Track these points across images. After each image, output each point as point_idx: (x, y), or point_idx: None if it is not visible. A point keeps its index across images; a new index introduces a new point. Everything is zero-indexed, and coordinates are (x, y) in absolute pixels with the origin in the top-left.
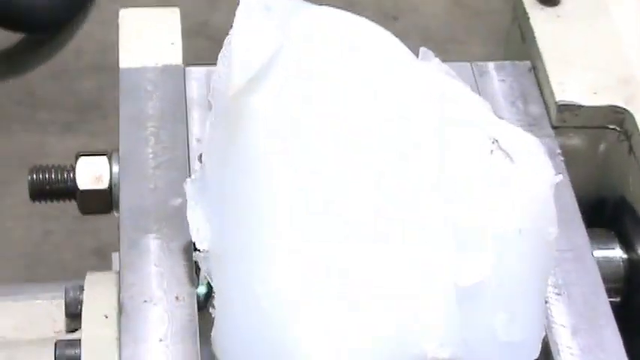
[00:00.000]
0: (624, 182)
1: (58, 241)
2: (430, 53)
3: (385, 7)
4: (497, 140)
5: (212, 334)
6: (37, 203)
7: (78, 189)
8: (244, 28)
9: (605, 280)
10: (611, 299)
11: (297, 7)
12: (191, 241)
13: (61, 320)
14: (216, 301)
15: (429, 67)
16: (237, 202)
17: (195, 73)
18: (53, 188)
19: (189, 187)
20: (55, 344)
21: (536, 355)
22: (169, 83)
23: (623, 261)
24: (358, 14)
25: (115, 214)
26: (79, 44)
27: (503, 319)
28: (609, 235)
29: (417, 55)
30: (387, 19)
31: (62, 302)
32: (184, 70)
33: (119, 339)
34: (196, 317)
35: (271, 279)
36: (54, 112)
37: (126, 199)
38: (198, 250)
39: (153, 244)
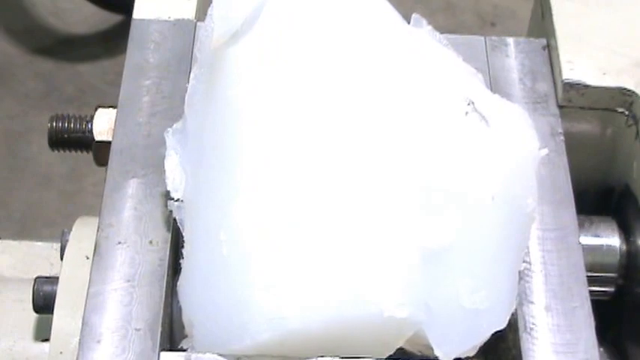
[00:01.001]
0: (629, 169)
1: None
2: (422, 20)
3: (483, 12)
4: (473, 102)
5: (178, 283)
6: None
7: (94, 139)
8: None
9: (602, 268)
10: (607, 288)
11: None
12: None
13: (57, 263)
14: (184, 250)
15: (419, 33)
16: (211, 151)
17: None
18: (71, 137)
19: (169, 137)
20: (35, 280)
21: (502, 325)
22: (178, 37)
23: (621, 251)
24: (456, 18)
25: None
26: None
27: (468, 286)
28: (610, 223)
29: None
30: (484, 24)
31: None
32: (195, 24)
33: (89, 277)
34: (167, 262)
35: (233, 226)
36: None
37: (118, 143)
38: (173, 199)
39: (137, 188)
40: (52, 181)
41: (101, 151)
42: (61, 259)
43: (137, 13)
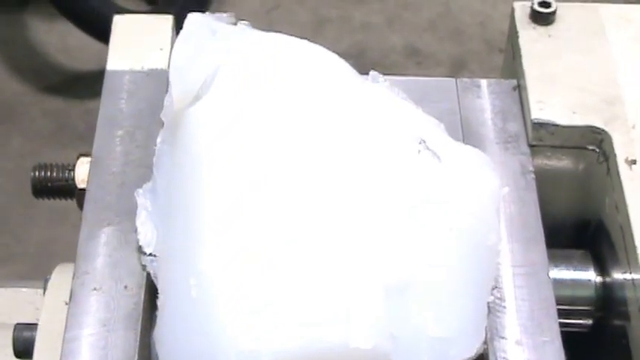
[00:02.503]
0: (602, 204)
1: None
2: (379, 76)
3: (491, 39)
4: (424, 141)
5: (153, 334)
6: None
7: (76, 187)
8: (184, 49)
9: (578, 301)
10: (584, 321)
11: (243, 31)
12: None
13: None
14: (158, 302)
15: (374, 86)
16: (177, 204)
17: None
18: (54, 185)
19: (140, 196)
20: (15, 327)
21: (471, 354)
22: (152, 86)
23: (596, 283)
24: (464, 45)
25: None
26: None
27: (432, 316)
28: (585, 256)
29: None
30: (492, 50)
31: None
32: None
33: (65, 323)
34: (141, 306)
35: (200, 270)
36: None
37: (92, 192)
38: (146, 254)
39: (111, 235)
40: (67, 217)
41: (84, 199)
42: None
43: (110, 65)
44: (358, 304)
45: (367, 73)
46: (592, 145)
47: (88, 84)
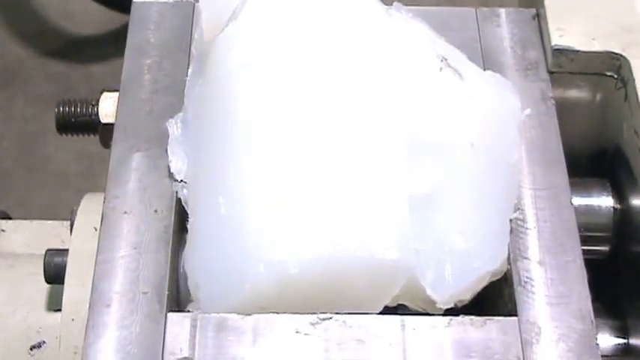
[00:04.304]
0: (620, 131)
1: None
2: (401, 6)
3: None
4: (446, 59)
5: (183, 254)
6: None
7: (100, 122)
8: None
9: (595, 228)
10: (602, 247)
11: None
12: None
13: (68, 240)
14: (188, 224)
15: (397, 14)
16: (208, 129)
17: None
18: (78, 121)
19: (171, 126)
20: (46, 252)
21: (495, 266)
22: (178, 17)
23: (614, 210)
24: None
25: None
26: None
27: (455, 228)
28: (603, 184)
29: None
30: None
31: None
32: (194, 5)
33: (97, 246)
34: (171, 229)
35: (229, 188)
36: None
37: (121, 119)
38: (176, 181)
39: (140, 161)
40: (69, 181)
41: (107, 134)
42: (71, 234)
43: None
44: (384, 217)
45: (391, 4)
46: (610, 71)
47: (90, 48)
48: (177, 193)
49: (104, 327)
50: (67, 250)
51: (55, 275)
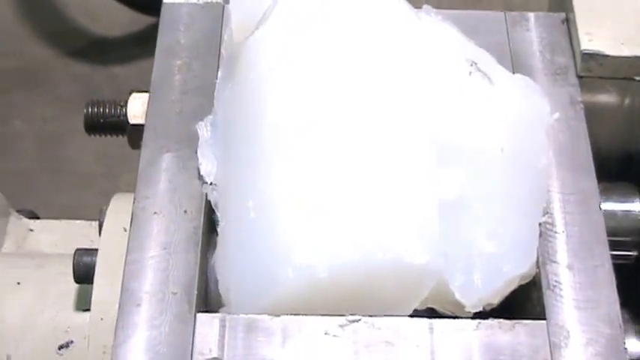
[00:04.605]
0: None
1: None
2: (431, 9)
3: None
4: (475, 63)
5: (213, 258)
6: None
7: (128, 123)
8: None
9: (624, 233)
10: (630, 252)
11: None
12: None
13: (96, 240)
14: (218, 228)
15: (427, 17)
16: (237, 133)
17: None
18: (107, 122)
19: (201, 128)
20: (75, 251)
21: (523, 269)
22: (207, 18)
23: None
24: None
25: None
26: None
27: (483, 232)
28: (631, 188)
29: None
30: None
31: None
32: (223, 7)
33: (127, 246)
34: (201, 230)
35: (259, 191)
36: None
37: (151, 120)
38: (206, 183)
39: (170, 162)
40: (91, 182)
41: (136, 134)
42: (99, 235)
43: None
44: (413, 221)
45: (420, 7)
46: (639, 75)
47: (113, 49)
48: (206, 195)
49: (134, 327)
50: (95, 249)
51: (84, 275)
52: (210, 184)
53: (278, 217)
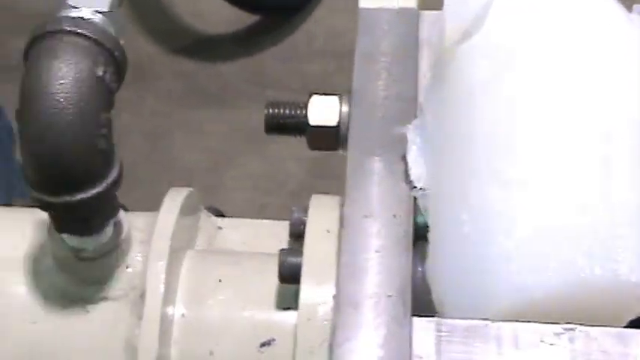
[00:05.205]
0: None
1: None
2: None
3: None
4: None
5: (425, 266)
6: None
7: (309, 124)
8: None
9: None
10: None
11: None
12: None
13: (285, 240)
14: (430, 235)
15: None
16: (449, 140)
17: (428, 16)
18: (287, 122)
19: (410, 131)
20: (280, 252)
21: None
22: (403, 24)
23: None
24: None
25: (341, 152)
26: (310, 29)
27: None
28: None
29: None
30: None
31: (287, 223)
32: (418, 13)
33: (339, 248)
34: (411, 234)
35: (472, 206)
36: (281, 91)
37: (355, 125)
38: (415, 188)
39: (377, 166)
40: (194, 177)
41: (315, 136)
42: (290, 235)
43: (363, 3)
44: (626, 239)
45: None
46: None
47: (218, 46)
48: (415, 199)
49: (352, 328)
50: (299, 250)
51: (289, 275)
52: (420, 189)
53: (493, 237)
